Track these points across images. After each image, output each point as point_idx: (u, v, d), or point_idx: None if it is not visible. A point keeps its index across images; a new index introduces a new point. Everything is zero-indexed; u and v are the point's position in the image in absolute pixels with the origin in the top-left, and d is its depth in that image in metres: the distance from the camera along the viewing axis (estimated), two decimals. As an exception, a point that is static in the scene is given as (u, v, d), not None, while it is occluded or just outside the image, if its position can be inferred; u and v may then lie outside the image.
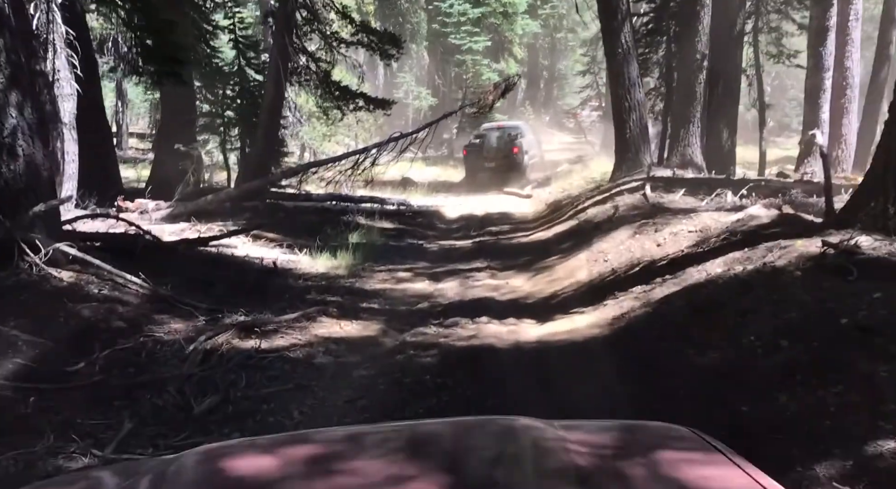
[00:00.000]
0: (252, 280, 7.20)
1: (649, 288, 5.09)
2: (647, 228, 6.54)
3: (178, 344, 5.02)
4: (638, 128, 9.87)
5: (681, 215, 6.71)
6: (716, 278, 4.60)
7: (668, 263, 5.45)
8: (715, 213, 6.17)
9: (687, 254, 5.44)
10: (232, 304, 6.26)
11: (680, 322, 4.20)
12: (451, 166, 23.50)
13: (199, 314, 5.80)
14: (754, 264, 4.46)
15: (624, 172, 10.04)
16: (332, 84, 12.92)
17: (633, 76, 9.81)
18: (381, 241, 10.25)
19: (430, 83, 29.65)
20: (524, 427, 1.58)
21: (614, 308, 4.96)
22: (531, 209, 14.36)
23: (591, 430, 1.69)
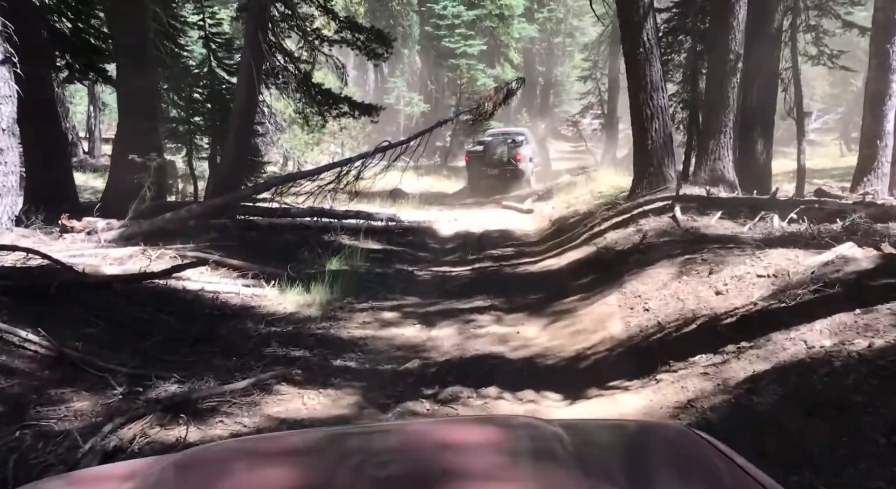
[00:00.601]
0: (201, 326, 5.80)
1: (720, 360, 3.74)
2: (697, 267, 5.19)
3: (72, 437, 3.61)
4: (661, 138, 8.57)
5: (736, 250, 5.36)
6: (825, 356, 3.25)
7: (738, 322, 4.10)
8: (786, 249, 4.82)
9: (764, 311, 4.09)
10: (165, 366, 4.86)
11: (789, 430, 2.84)
12: (444, 176, 22.15)
13: (117, 383, 4.40)
14: (885, 339, 3.12)
15: (645, 189, 8.72)
16: (312, 87, 11.56)
17: (656, 79, 8.51)
18: (364, 267, 8.87)
19: (423, 89, 28.36)
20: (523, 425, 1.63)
21: (674, 388, 3.60)
22: (533, 226, 13.01)
23: (591, 429, 1.66)
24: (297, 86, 11.47)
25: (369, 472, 1.36)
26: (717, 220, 7.28)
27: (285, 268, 8.24)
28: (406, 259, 9.78)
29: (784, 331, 3.68)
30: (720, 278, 4.75)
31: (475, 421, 1.97)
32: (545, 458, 1.38)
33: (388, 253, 10.34)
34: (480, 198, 17.65)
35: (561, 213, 13.01)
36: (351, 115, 11.67)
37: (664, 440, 1.55)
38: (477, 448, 1.50)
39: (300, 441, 1.68)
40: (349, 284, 7.61)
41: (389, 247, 11.01)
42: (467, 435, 1.60)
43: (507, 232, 12.32)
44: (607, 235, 7.94)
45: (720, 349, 3.84)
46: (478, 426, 1.72)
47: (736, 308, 4.26)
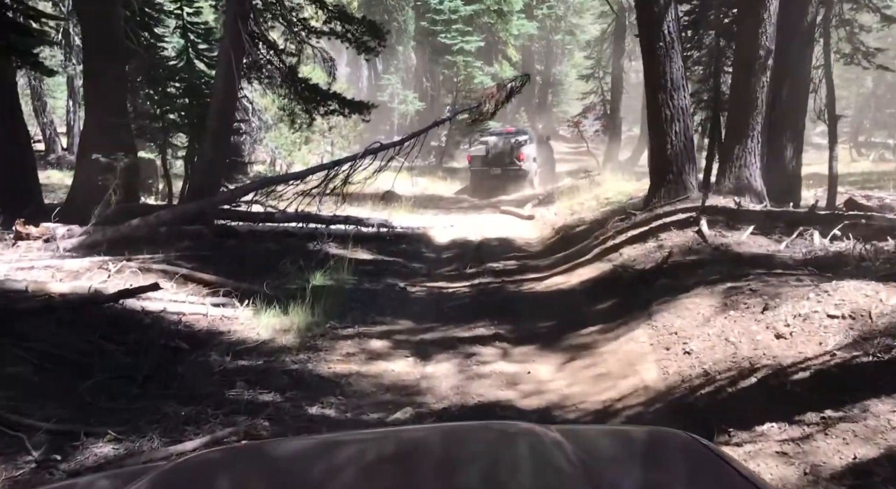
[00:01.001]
0: (155, 360, 4.91)
1: (799, 433, 2.89)
2: (745, 299, 4.33)
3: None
4: (682, 142, 7.73)
5: (792, 279, 4.51)
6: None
7: (814, 378, 3.25)
8: (860, 282, 3.97)
9: (846, 365, 3.25)
10: (102, 417, 3.99)
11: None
12: (440, 178, 21.25)
13: (34, 445, 3.51)
14: None
15: (663, 198, 7.88)
16: (299, 82, 10.67)
17: (677, 77, 7.67)
18: (351, 282, 7.99)
19: (418, 86, 27.48)
20: (521, 431, 1.60)
21: (743, 473, 2.74)
22: (535, 234, 12.17)
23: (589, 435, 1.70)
24: (282, 81, 10.57)
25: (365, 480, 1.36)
26: (748, 236, 6.45)
27: (263, 283, 7.39)
28: (398, 272, 8.90)
29: (884, 399, 2.85)
30: (778, 317, 3.90)
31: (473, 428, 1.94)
32: (545, 465, 1.38)
33: (378, 264, 9.47)
34: (483, 198, 17.16)
35: (564, 219, 12.17)
36: (340, 114, 10.78)
37: (665, 446, 1.55)
38: (475, 455, 1.49)
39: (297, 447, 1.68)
40: (333, 304, 6.73)
41: (380, 257, 10.14)
42: (465, 442, 1.60)
43: (508, 240, 11.47)
44: (623, 251, 7.09)
45: (797, 417, 3.00)
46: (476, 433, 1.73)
47: (807, 358, 3.41)
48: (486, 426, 1.97)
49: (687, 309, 4.57)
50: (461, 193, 19.30)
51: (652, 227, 7.33)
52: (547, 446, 1.44)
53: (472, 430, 1.81)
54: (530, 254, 9.81)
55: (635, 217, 8.03)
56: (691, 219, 6.97)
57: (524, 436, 1.55)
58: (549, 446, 1.43)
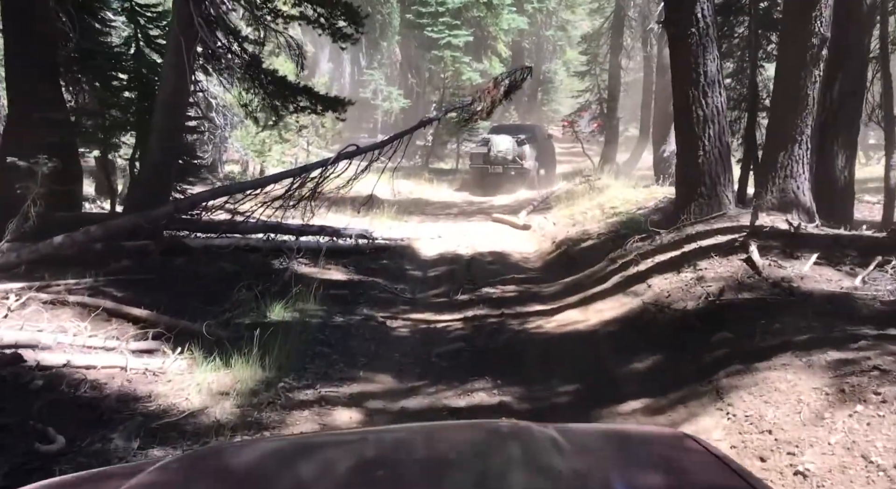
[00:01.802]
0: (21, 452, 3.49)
1: None
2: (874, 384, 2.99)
3: None
4: (716, 148, 6.43)
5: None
6: None
7: None
8: None
9: None
10: None
11: None
12: (426, 180, 19.82)
13: None
14: None
15: (693, 215, 6.56)
16: (263, 74, 9.24)
17: (713, 70, 6.37)
18: (319, 314, 6.60)
19: (403, 82, 26.06)
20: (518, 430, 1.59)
21: None
22: (533, 248, 10.85)
23: (586, 434, 1.69)
24: (244, 72, 9.12)
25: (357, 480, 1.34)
26: (811, 267, 5.14)
27: (207, 320, 5.99)
28: (376, 298, 7.51)
29: None
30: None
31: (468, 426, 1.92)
32: (539, 464, 1.37)
33: (354, 287, 8.08)
34: (482, 196, 16.68)
35: (566, 231, 10.85)
36: (312, 111, 9.36)
37: (662, 446, 1.56)
38: (470, 454, 1.49)
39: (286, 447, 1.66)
40: (293, 350, 5.34)
41: (357, 277, 8.75)
42: (460, 440, 1.60)
43: (503, 255, 10.13)
44: (653, 282, 5.75)
45: None
46: (471, 431, 1.73)
47: None
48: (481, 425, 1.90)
49: (777, 390, 3.23)
50: (460, 190, 18.16)
51: (685, 251, 6.00)
52: (541, 445, 1.43)
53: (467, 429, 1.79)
54: (531, 274, 8.46)
55: (660, 237, 6.70)
56: (736, 243, 5.65)
57: (517, 435, 1.55)
58: (544, 445, 1.43)
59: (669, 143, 12.76)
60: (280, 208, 7.84)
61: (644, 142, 19.33)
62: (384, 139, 7.74)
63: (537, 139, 17.53)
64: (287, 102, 9.45)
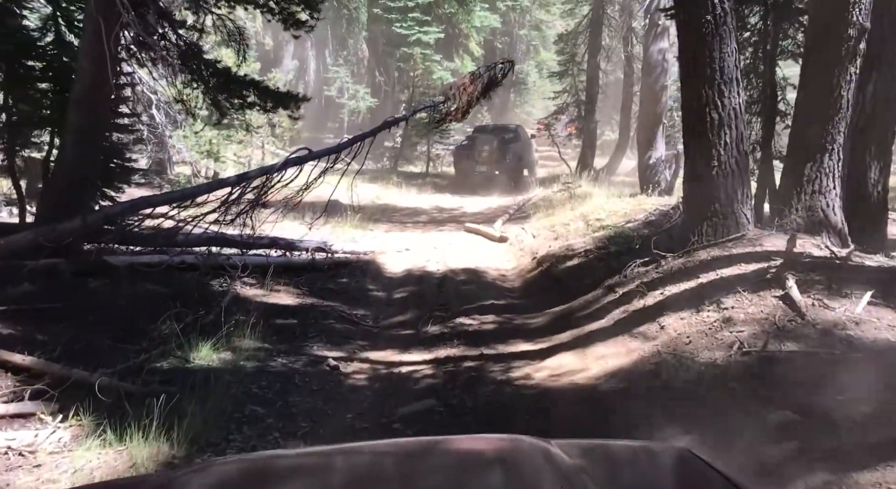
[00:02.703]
0: None
1: None
2: None
3: None
4: (733, 158, 5.42)
5: None
6: None
7: None
8: None
9: None
10: None
11: None
12: (393, 184, 18.61)
13: None
14: None
15: (707, 236, 5.53)
16: (204, 65, 7.98)
17: (730, 66, 5.36)
18: (257, 355, 5.42)
19: (370, 81, 24.83)
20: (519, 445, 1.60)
21: None
22: (511, 264, 9.77)
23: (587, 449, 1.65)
24: (182, 62, 7.86)
25: None
26: (865, 308, 4.14)
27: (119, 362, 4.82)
28: (330, 330, 6.34)
29: None
30: None
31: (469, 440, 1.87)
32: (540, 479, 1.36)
33: (305, 314, 6.90)
34: (466, 194, 16.53)
35: (547, 245, 9.80)
36: (261, 107, 8.13)
37: (663, 461, 1.55)
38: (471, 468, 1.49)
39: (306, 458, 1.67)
40: (216, 410, 4.16)
41: (310, 300, 7.58)
42: (461, 454, 1.60)
43: (478, 273, 9.02)
44: (665, 321, 4.70)
45: None
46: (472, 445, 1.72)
47: None
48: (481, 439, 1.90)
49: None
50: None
51: (702, 282, 4.95)
52: (543, 459, 1.43)
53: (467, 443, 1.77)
54: (511, 299, 7.37)
55: (667, 262, 5.66)
56: (768, 274, 4.63)
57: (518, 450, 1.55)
58: (546, 459, 1.43)
59: (656, 150, 11.84)
60: (217, 222, 6.60)
61: (623, 147, 18.46)
62: (341, 142, 6.58)
63: (521, 140, 17.49)
64: (232, 98, 8.21)
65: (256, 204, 6.18)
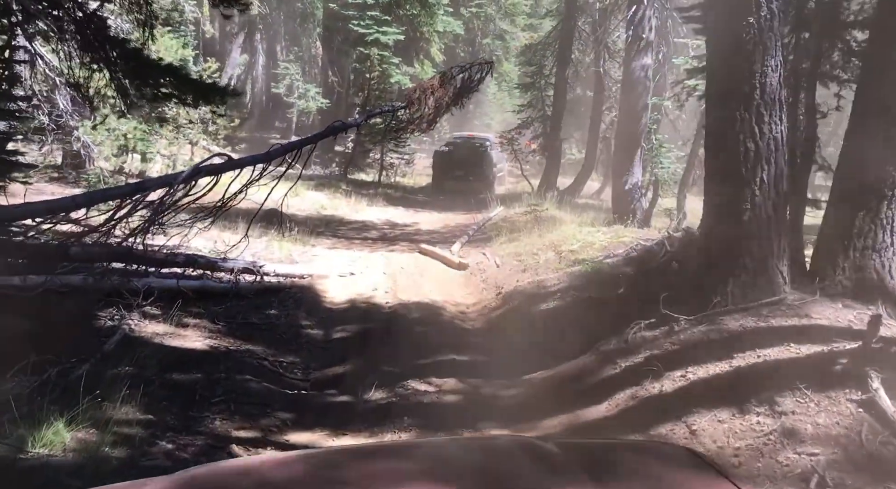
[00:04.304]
0: None
1: None
2: None
3: None
4: (770, 200, 4.23)
5: None
6: None
7: None
8: None
9: None
10: None
11: None
12: (342, 193, 17.08)
13: None
14: None
15: (732, 297, 4.33)
16: (110, 43, 6.42)
17: (773, 84, 4.19)
18: (131, 439, 3.93)
19: (323, 80, 23.27)
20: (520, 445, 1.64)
21: None
22: (473, 297, 8.49)
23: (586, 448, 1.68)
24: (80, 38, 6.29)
25: None
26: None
27: None
28: (244, 393, 4.88)
29: None
30: None
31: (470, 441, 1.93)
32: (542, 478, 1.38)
33: (214, 364, 5.42)
34: (443, 196, 17.25)
35: (514, 278, 8.56)
36: (178, 100, 6.60)
37: (662, 459, 1.58)
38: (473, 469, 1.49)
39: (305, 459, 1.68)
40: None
41: (225, 342, 6.10)
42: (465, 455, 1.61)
43: (434, 310, 7.68)
44: (695, 421, 3.46)
45: None
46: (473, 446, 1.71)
47: None
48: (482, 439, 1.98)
49: None
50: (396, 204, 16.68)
51: (738, 367, 3.73)
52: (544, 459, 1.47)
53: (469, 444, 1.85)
54: (476, 352, 6.04)
55: (679, 325, 4.43)
56: (837, 365, 3.44)
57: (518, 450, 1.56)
58: (546, 459, 1.47)
59: (632, 174, 10.78)
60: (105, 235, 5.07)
61: (589, 168, 17.48)
62: (272, 149, 5.17)
63: (496, 149, 18.39)
64: (144, 86, 6.65)
65: (153, 223, 4.69)
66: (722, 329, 4.15)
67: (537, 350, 5.61)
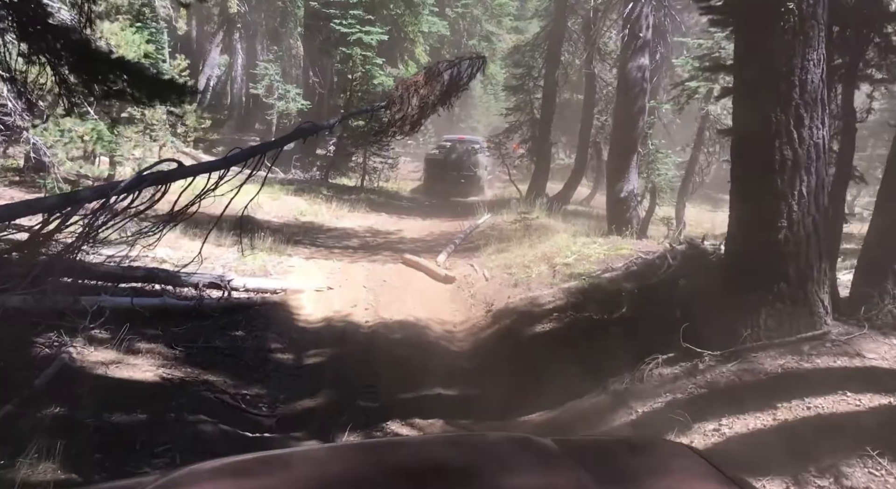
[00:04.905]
0: None
1: None
2: None
3: None
4: (810, 216, 3.62)
5: None
6: None
7: None
8: None
9: None
10: None
11: None
12: (323, 198, 16.32)
13: None
14: None
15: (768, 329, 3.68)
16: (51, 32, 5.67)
17: (814, 81, 3.57)
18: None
19: (304, 81, 22.51)
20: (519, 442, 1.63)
21: None
22: (461, 315, 7.83)
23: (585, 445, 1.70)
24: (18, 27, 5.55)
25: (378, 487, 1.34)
26: None
27: None
28: (196, 439, 4.19)
29: None
30: None
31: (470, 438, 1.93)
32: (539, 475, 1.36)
33: (165, 402, 4.72)
34: (435, 198, 17.39)
35: (505, 294, 7.90)
36: (131, 97, 5.86)
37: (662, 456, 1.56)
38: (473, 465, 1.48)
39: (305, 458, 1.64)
40: None
41: (181, 372, 5.40)
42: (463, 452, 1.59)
43: (419, 331, 7.00)
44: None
45: None
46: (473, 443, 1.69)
47: None
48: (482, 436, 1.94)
49: None
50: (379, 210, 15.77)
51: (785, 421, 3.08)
52: (543, 455, 1.44)
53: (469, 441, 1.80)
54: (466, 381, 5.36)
55: (703, 362, 3.79)
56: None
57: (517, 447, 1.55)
58: (546, 455, 1.44)
59: (628, 181, 10.19)
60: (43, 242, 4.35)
61: (579, 173, 16.89)
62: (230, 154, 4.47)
63: (486, 152, 18.53)
64: (92, 82, 5.90)
65: (85, 241, 3.97)
66: (757, 369, 3.52)
67: (534, 382, 4.94)
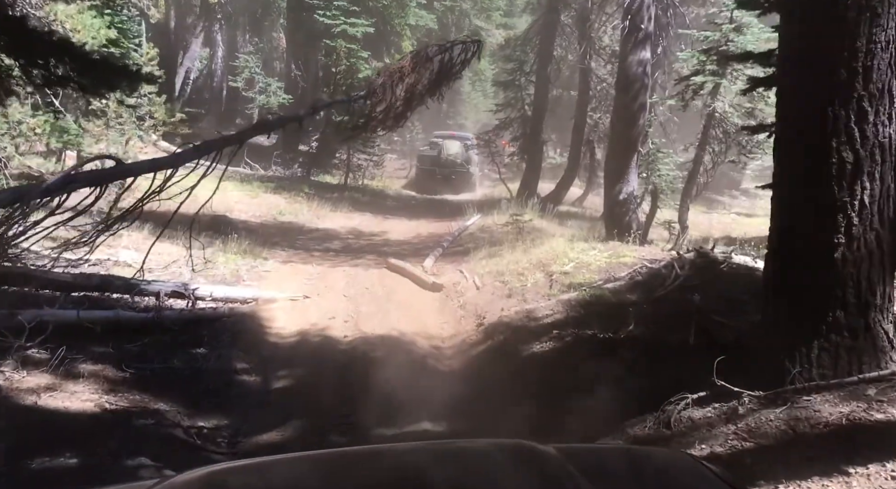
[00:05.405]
0: None
1: None
2: None
3: None
4: (873, 230, 3.02)
5: None
6: None
7: None
8: None
9: None
10: None
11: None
12: (303, 196, 15.57)
13: None
14: None
15: (822, 367, 3.06)
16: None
17: (881, 66, 2.91)
18: None
19: (286, 74, 21.71)
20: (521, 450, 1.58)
21: None
22: (449, 328, 7.17)
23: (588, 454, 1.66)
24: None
25: None
26: None
27: None
28: None
29: None
30: None
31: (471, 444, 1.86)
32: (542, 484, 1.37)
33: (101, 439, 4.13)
34: (428, 194, 17.46)
35: (498, 304, 7.26)
36: (76, 84, 5.12)
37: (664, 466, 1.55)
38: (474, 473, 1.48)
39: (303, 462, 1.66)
40: None
41: (127, 400, 4.72)
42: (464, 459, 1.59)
43: (403, 348, 6.32)
44: None
45: None
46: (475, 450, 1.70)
47: None
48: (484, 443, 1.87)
49: None
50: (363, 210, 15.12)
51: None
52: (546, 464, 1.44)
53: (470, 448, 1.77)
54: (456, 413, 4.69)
55: (743, 405, 3.15)
56: None
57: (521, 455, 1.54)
58: (548, 464, 1.43)
59: (628, 183, 9.58)
60: None
61: (573, 173, 16.27)
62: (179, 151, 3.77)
63: (473, 148, 18.64)
64: (31, 66, 5.16)
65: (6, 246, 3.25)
66: (814, 418, 2.88)
67: (535, 417, 4.29)
